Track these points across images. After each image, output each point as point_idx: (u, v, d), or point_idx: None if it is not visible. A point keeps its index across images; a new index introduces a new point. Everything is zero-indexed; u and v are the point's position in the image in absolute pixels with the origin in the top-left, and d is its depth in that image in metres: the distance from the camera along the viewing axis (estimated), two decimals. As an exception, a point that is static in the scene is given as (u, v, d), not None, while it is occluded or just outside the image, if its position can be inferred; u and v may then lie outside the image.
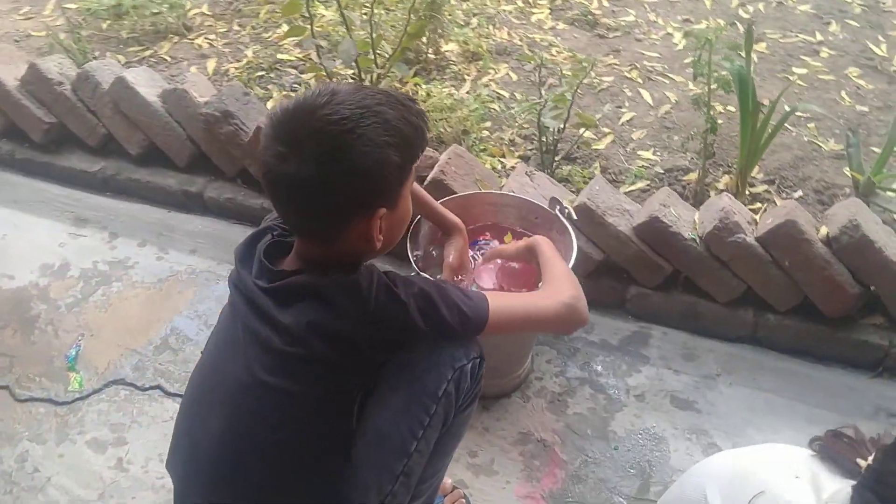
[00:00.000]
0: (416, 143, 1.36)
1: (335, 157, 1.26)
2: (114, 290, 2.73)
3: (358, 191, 1.31)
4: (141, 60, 3.65)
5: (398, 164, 1.32)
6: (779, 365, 2.50)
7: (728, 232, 2.40)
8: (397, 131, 1.30)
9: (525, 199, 2.35)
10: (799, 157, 3.08)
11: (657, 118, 3.31)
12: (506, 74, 3.53)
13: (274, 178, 1.31)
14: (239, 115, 2.83)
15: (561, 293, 1.62)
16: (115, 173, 3.15)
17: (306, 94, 1.32)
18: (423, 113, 1.40)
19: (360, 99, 1.28)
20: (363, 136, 1.26)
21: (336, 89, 1.31)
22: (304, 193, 1.30)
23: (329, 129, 1.25)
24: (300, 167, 1.26)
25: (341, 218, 1.35)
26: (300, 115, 1.29)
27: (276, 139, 1.29)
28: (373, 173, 1.29)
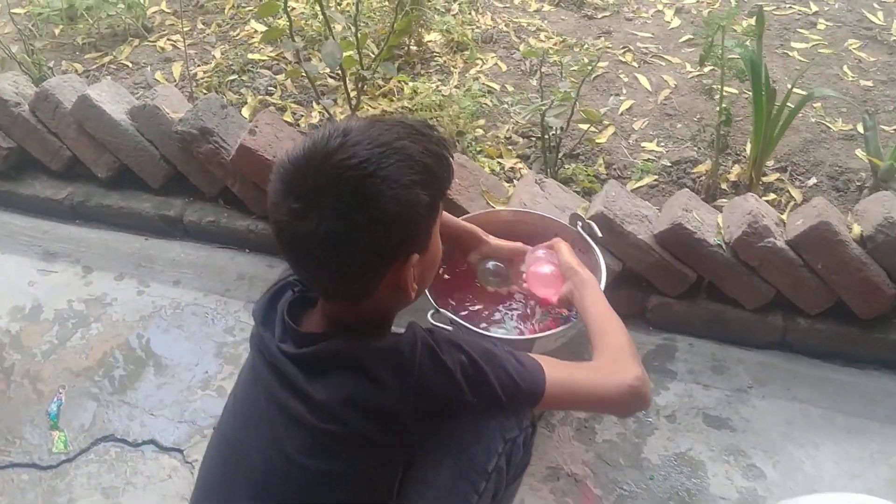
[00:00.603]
0: (443, 177, 1.22)
1: (359, 206, 1.11)
2: (93, 332, 2.50)
3: (388, 240, 1.16)
4: (100, 68, 3.38)
5: (427, 203, 1.17)
6: (813, 372, 2.37)
7: (757, 237, 2.24)
8: (423, 167, 1.16)
9: (543, 216, 2.17)
10: (808, 141, 2.93)
11: (657, 105, 3.13)
12: (494, 65, 3.33)
13: (291, 238, 1.16)
14: (218, 132, 2.60)
15: (626, 371, 1.45)
16: (83, 199, 2.90)
17: (315, 138, 1.16)
18: (444, 141, 1.24)
19: (377, 136, 1.14)
20: (388, 179, 1.11)
21: (347, 128, 1.15)
22: (327, 251, 1.14)
23: (348, 176, 1.10)
24: (321, 223, 1.11)
25: (371, 273, 1.19)
26: (313, 164, 1.13)
27: (288, 194, 1.14)
28: (402, 218, 1.14)
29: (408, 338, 1.24)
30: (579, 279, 1.73)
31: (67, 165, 2.96)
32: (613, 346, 1.54)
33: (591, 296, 1.67)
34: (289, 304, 1.30)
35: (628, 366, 1.46)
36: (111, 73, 3.36)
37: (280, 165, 1.17)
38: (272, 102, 3.12)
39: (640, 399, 1.45)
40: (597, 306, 1.63)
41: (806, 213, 2.29)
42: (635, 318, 2.52)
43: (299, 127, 2.99)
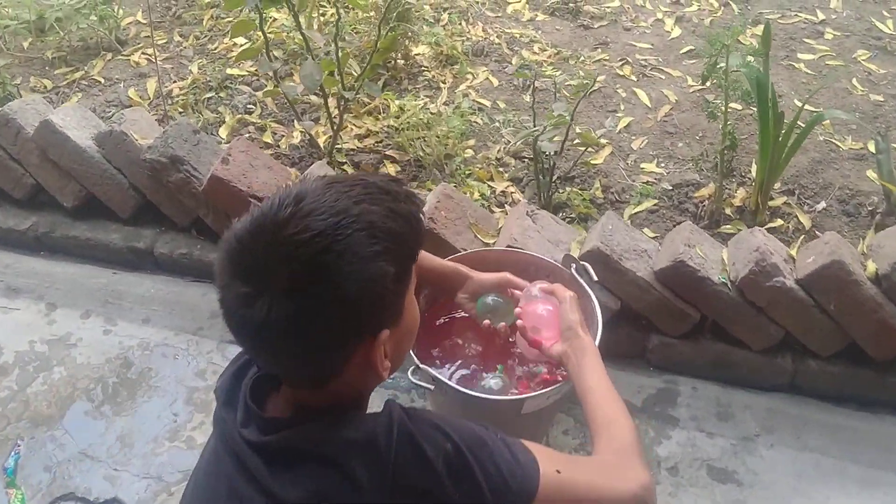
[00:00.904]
0: (412, 240, 1.08)
1: (314, 287, 0.97)
2: (56, 376, 2.34)
3: (351, 322, 1.01)
4: (71, 84, 3.21)
5: (394, 274, 1.02)
6: (824, 418, 2.22)
7: (765, 276, 2.08)
8: (387, 233, 1.01)
9: (533, 256, 2.01)
10: (817, 161, 2.78)
11: (657, 122, 2.97)
12: (485, 79, 3.17)
13: (241, 325, 1.00)
14: (189, 160, 2.44)
15: (633, 477, 1.25)
16: (48, 230, 2.74)
17: (263, 209, 1.00)
18: (413, 196, 1.09)
19: (333, 202, 0.99)
20: (345, 253, 0.97)
21: (300, 194, 1.00)
22: (282, 339, 0.99)
23: (300, 253, 0.96)
24: (272, 309, 0.96)
25: (334, 357, 1.04)
26: (261, 240, 0.98)
27: (235, 276, 0.98)
28: (366, 296, 1.00)
29: (383, 423, 1.08)
30: (579, 344, 1.54)
31: (31, 193, 2.79)
32: (619, 444, 1.34)
33: (591, 371, 1.48)
34: (253, 381, 1.14)
35: (636, 471, 1.28)
36: (82, 90, 3.19)
37: (226, 241, 1.01)
38: (251, 122, 2.96)
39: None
40: (599, 387, 1.45)
41: (817, 250, 2.13)
42: (635, 359, 2.38)
43: (279, 148, 2.83)
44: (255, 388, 1.13)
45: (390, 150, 2.81)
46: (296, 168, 2.73)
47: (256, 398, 1.12)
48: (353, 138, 2.85)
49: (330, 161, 2.72)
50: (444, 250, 2.24)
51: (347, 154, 2.79)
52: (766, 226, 2.47)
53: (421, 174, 2.72)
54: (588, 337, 1.57)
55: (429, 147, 2.73)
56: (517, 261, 1.99)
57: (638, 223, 2.54)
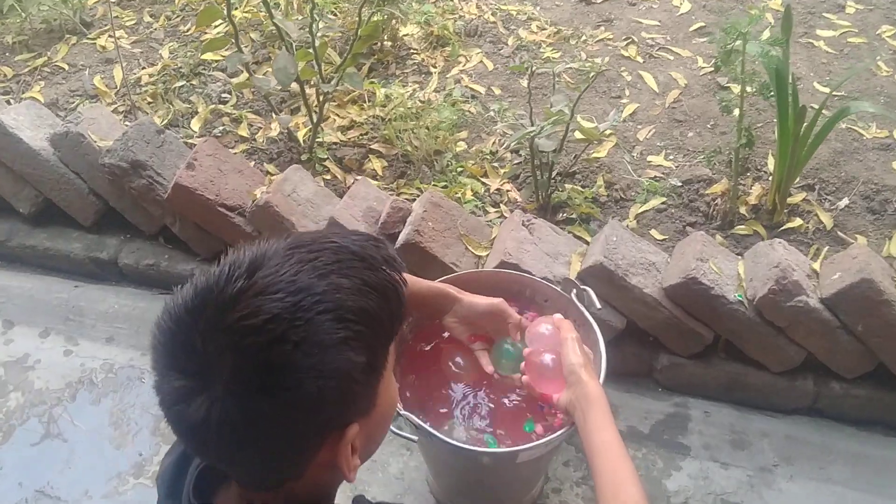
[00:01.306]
0: (390, 319, 0.88)
1: (265, 386, 0.77)
2: (11, 403, 2.16)
3: (310, 424, 0.82)
4: (33, 72, 2.98)
5: (365, 363, 0.83)
6: (848, 446, 2.04)
7: (787, 295, 1.88)
8: (359, 314, 0.82)
9: (530, 279, 1.80)
10: (839, 152, 2.55)
11: (665, 109, 2.74)
12: (479, 63, 2.93)
13: (178, 425, 0.82)
14: (152, 165, 2.22)
15: None
16: (5, 238, 2.53)
17: (209, 280, 0.80)
18: (393, 262, 0.89)
19: (293, 275, 0.80)
20: (305, 343, 0.77)
21: (255, 261, 0.81)
22: (228, 445, 0.80)
23: (249, 344, 0.76)
24: (212, 410, 0.76)
25: (290, 463, 0.85)
26: (201, 324, 0.78)
27: (170, 366, 0.79)
28: (329, 393, 0.80)
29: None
30: (583, 391, 1.34)
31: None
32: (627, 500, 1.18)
33: (599, 427, 1.28)
34: (198, 474, 0.95)
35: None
36: (45, 78, 2.96)
37: (162, 319, 0.81)
38: (226, 112, 2.73)
39: None
40: (608, 447, 1.25)
41: (844, 265, 1.93)
42: (642, 379, 2.19)
43: (255, 142, 2.61)
44: (202, 480, 0.94)
45: (376, 144, 2.59)
46: (273, 164, 2.52)
47: (203, 493, 0.93)
48: (335, 130, 2.63)
49: (310, 157, 2.51)
50: (432, 266, 2.03)
51: (329, 148, 2.57)
52: (785, 226, 2.26)
53: (409, 171, 2.51)
54: (593, 381, 1.36)
55: (417, 140, 2.51)
56: (512, 282, 1.79)
57: (644, 223, 2.33)
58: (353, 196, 2.16)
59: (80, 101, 2.82)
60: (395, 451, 2.02)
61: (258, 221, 2.15)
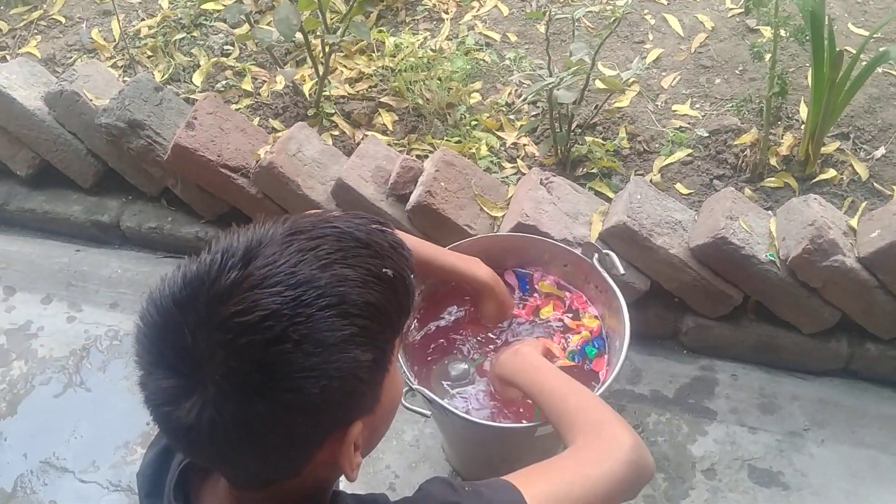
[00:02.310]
0: (397, 311, 0.80)
1: (263, 388, 0.69)
2: (14, 372, 2.10)
3: (311, 426, 0.75)
4: (28, 25, 2.87)
5: (371, 361, 0.76)
6: (883, 409, 1.96)
7: (822, 255, 1.78)
8: (364, 308, 0.75)
9: (548, 242, 1.70)
10: (874, 98, 2.41)
11: (691, 54, 2.59)
12: (494, 8, 2.78)
13: (165, 426, 0.74)
14: (150, 124, 2.12)
15: (616, 445, 1.05)
16: (2, 203, 2.45)
17: (200, 269, 0.72)
18: (400, 247, 0.82)
19: (294, 265, 0.72)
20: (305, 341, 0.70)
21: (250, 249, 0.73)
22: (221, 448, 0.73)
23: (244, 344, 0.68)
24: (204, 412, 0.69)
25: (287, 464, 0.78)
26: (192, 317, 0.70)
27: (155, 363, 0.71)
28: (333, 393, 0.73)
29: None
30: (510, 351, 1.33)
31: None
32: (587, 417, 1.13)
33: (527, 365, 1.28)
34: (180, 470, 0.88)
35: (615, 432, 1.08)
36: (41, 32, 2.85)
37: (146, 310, 0.73)
38: (229, 65, 2.62)
39: (646, 470, 1.07)
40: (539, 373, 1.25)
41: (884, 222, 1.82)
42: (666, 341, 2.11)
43: (260, 97, 2.50)
44: (184, 478, 0.87)
45: (385, 97, 2.48)
46: (279, 120, 2.41)
47: (186, 491, 0.86)
48: (343, 83, 2.52)
49: (317, 112, 2.40)
50: (445, 228, 1.94)
51: (337, 102, 2.46)
52: (818, 178, 2.15)
53: (420, 125, 2.39)
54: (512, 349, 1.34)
55: (429, 92, 2.39)
56: (530, 247, 1.70)
57: (669, 177, 2.22)
58: (362, 155, 2.05)
59: (77, 56, 2.71)
60: (409, 418, 1.95)
61: (262, 183, 2.06)
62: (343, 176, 1.97)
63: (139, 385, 0.74)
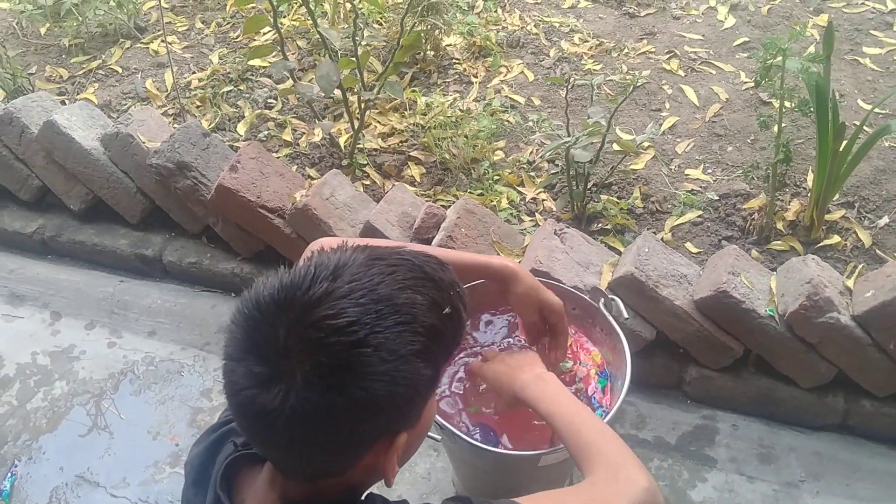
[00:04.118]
0: (452, 341, 0.94)
1: (342, 384, 0.82)
2: (56, 392, 2.24)
3: (373, 424, 0.87)
4: (87, 74, 3.09)
5: (429, 377, 0.89)
6: (877, 465, 2.02)
7: (818, 311, 1.88)
8: (429, 330, 0.87)
9: (559, 286, 1.82)
10: (880, 170, 2.53)
11: (705, 123, 2.74)
12: (520, 73, 2.96)
13: (246, 408, 0.85)
14: (197, 166, 2.29)
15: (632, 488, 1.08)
16: (55, 234, 2.63)
17: (294, 278, 0.85)
18: (457, 286, 0.95)
19: (375, 285, 0.85)
20: (382, 348, 0.82)
21: (338, 268, 0.86)
22: (293, 434, 0.84)
23: (331, 343, 0.81)
24: (288, 398, 0.80)
25: (343, 459, 0.89)
26: (287, 317, 0.82)
27: (250, 351, 0.83)
28: (395, 399, 0.85)
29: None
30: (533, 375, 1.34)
31: (38, 195, 2.69)
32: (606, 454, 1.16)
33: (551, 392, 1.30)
34: (227, 464, 0.99)
35: (634, 477, 1.10)
36: (99, 80, 3.06)
37: (244, 307, 0.86)
38: (271, 117, 2.81)
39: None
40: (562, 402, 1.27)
41: (878, 283, 1.92)
42: (671, 390, 2.20)
43: (299, 147, 2.67)
44: (230, 471, 0.98)
45: (415, 151, 2.64)
46: (315, 168, 2.58)
47: (229, 482, 0.97)
48: (376, 137, 2.69)
49: (351, 162, 2.56)
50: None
51: (370, 154, 2.63)
52: (822, 243, 2.26)
53: (446, 178, 2.55)
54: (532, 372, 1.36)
55: (456, 148, 2.55)
56: (542, 290, 1.81)
57: (680, 236, 2.34)
58: (389, 201, 2.21)
59: (131, 103, 2.92)
60: (422, 451, 2.06)
61: (297, 224, 2.21)
62: (371, 219, 2.12)
63: (224, 371, 0.85)
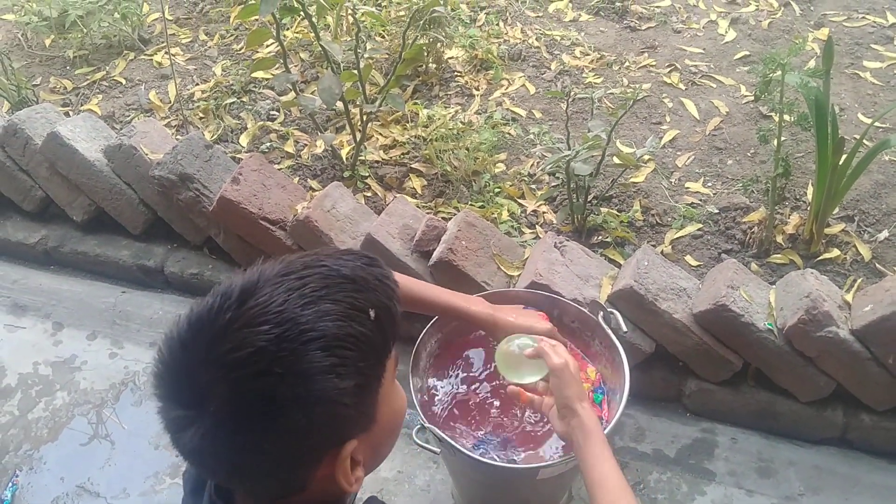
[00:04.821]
0: (382, 339, 0.89)
1: (252, 418, 0.80)
2: (58, 402, 2.25)
3: (301, 448, 0.84)
4: (91, 85, 3.11)
5: (354, 387, 0.84)
6: (876, 479, 2.03)
7: (816, 325, 1.88)
8: (346, 340, 0.83)
9: (558, 299, 1.83)
10: (880, 184, 2.54)
11: (705, 136, 2.75)
12: (521, 86, 2.97)
13: (178, 448, 0.84)
14: (199, 178, 2.31)
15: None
16: (58, 244, 2.64)
17: (202, 311, 0.83)
18: (384, 279, 0.91)
19: (281, 305, 0.81)
20: (289, 374, 0.79)
21: (245, 289, 0.82)
22: (222, 467, 0.85)
23: (235, 379, 0.79)
24: (205, 438, 0.80)
25: (285, 481, 0.88)
26: (193, 356, 0.81)
27: (168, 397, 0.83)
28: (317, 420, 0.82)
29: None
30: (579, 424, 1.31)
31: (41, 206, 2.70)
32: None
33: (597, 458, 1.27)
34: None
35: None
36: (103, 91, 3.08)
37: (159, 352, 0.84)
38: (273, 129, 2.82)
39: None
40: (606, 477, 1.24)
41: (877, 297, 1.92)
42: (670, 403, 2.20)
43: (301, 159, 2.69)
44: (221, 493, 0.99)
45: (416, 163, 2.65)
46: (317, 180, 2.59)
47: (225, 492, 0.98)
48: (378, 149, 2.70)
49: (352, 174, 2.57)
50: (464, 283, 2.08)
51: (371, 166, 2.64)
52: (821, 257, 2.26)
53: (447, 190, 2.56)
54: (588, 411, 1.33)
55: (457, 161, 2.56)
56: (541, 303, 1.82)
57: (680, 249, 2.35)
58: (390, 213, 2.22)
59: (135, 114, 2.93)
60: (422, 463, 2.06)
61: (298, 235, 2.22)
62: (372, 231, 2.13)
63: (158, 414, 0.85)
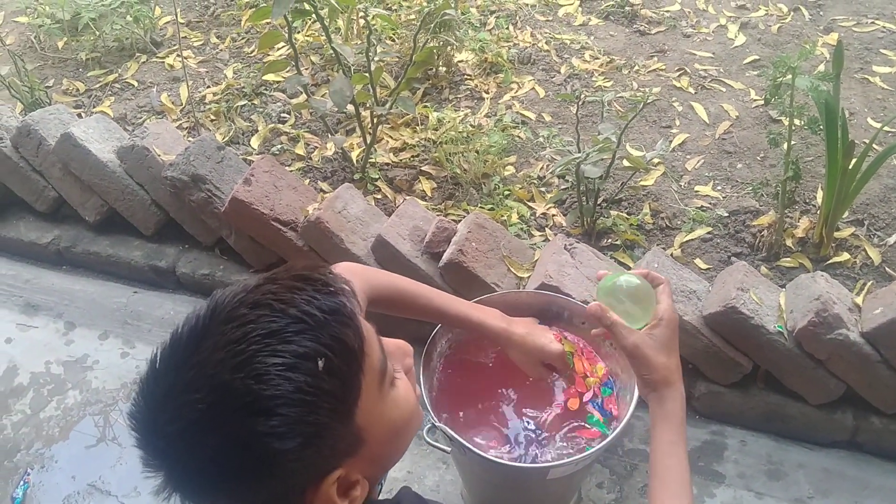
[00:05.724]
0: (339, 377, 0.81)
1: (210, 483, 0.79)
2: (69, 401, 2.26)
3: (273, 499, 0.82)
4: (104, 87, 3.13)
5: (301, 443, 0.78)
6: (885, 482, 2.03)
7: (827, 328, 1.89)
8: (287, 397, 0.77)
9: (569, 301, 1.84)
10: (890, 188, 2.54)
11: (715, 140, 2.75)
12: (531, 90, 2.98)
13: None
14: (211, 179, 2.32)
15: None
16: (70, 244, 2.66)
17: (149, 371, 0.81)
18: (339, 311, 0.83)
19: (213, 368, 0.76)
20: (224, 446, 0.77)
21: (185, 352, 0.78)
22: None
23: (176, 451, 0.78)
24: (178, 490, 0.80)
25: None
26: (143, 425, 0.80)
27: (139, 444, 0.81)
28: (266, 482, 0.78)
29: None
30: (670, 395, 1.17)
31: (54, 207, 2.72)
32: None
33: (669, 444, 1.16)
34: None
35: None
36: (115, 94, 3.10)
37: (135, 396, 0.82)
38: (284, 132, 2.84)
39: None
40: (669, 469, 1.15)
41: (886, 300, 1.92)
42: (679, 405, 2.19)
43: (311, 161, 2.70)
44: None
45: (426, 166, 2.66)
46: (327, 182, 2.60)
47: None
48: (388, 152, 2.71)
49: (363, 176, 2.59)
50: (474, 285, 2.09)
51: (381, 169, 2.65)
52: (831, 260, 2.26)
53: (457, 193, 2.57)
54: (680, 391, 1.20)
55: (467, 163, 2.57)
56: (551, 304, 1.83)
57: (689, 252, 2.35)
58: (401, 215, 2.23)
59: (147, 116, 2.95)
60: (431, 464, 2.07)
61: (309, 236, 2.24)
62: (383, 233, 2.14)
63: None
